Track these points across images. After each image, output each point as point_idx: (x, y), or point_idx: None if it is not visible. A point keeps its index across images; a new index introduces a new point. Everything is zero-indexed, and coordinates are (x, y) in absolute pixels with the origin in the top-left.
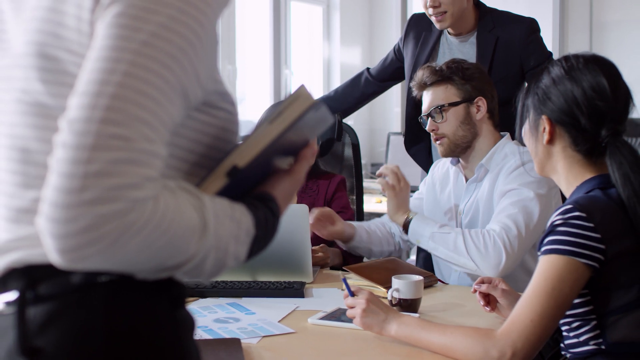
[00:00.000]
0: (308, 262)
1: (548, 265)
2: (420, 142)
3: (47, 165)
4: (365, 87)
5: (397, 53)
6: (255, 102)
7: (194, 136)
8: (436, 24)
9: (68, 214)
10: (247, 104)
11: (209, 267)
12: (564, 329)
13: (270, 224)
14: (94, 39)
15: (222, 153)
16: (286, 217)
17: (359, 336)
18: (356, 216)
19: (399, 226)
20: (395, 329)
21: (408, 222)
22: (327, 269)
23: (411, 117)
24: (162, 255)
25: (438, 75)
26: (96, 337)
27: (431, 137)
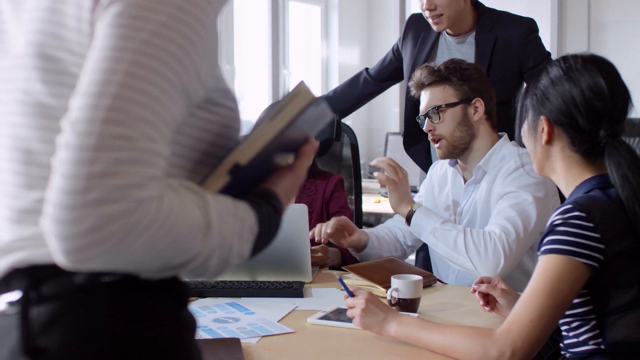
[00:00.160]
0: (307, 262)
1: (548, 265)
2: (419, 142)
3: (50, 166)
4: (364, 87)
5: (396, 53)
6: (254, 102)
7: (196, 134)
8: (433, 26)
9: (73, 215)
10: (246, 104)
11: (214, 265)
12: (563, 328)
13: (273, 221)
14: (94, 39)
15: (225, 150)
16: (285, 217)
17: (359, 336)
18: (355, 216)
19: (402, 223)
20: (395, 328)
21: (411, 214)
22: (327, 269)
23: (410, 117)
24: (167, 255)
25: (436, 75)
26: (99, 337)
27: (429, 138)
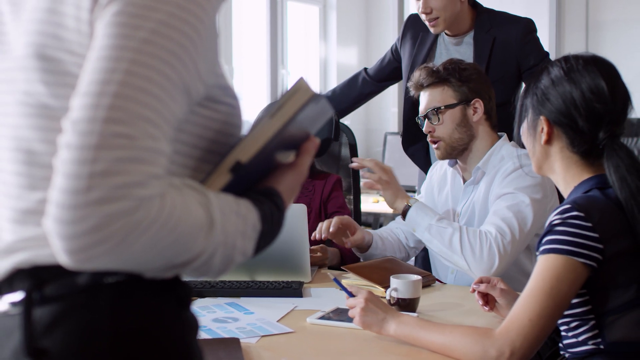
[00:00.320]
0: (306, 262)
1: (546, 265)
2: (417, 142)
3: (52, 166)
4: (363, 87)
5: (395, 53)
6: (252, 102)
7: (197, 131)
8: (430, 28)
9: (75, 214)
10: (244, 103)
11: (217, 263)
12: (562, 328)
13: (275, 219)
14: (93, 38)
15: (227, 147)
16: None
17: (358, 335)
18: (354, 216)
19: (403, 224)
20: (394, 328)
21: (407, 208)
22: (325, 269)
23: (408, 117)
24: (170, 253)
25: (435, 76)
26: (102, 337)
27: (428, 139)
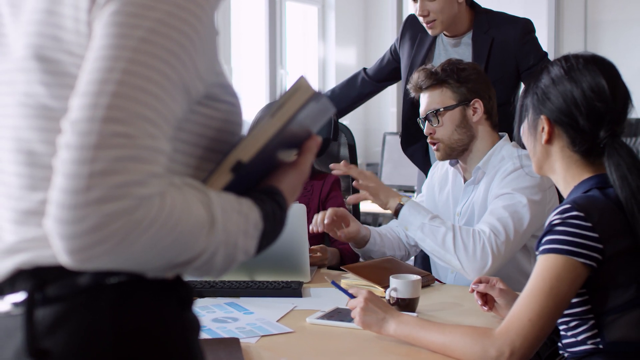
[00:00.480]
0: (306, 262)
1: (546, 265)
2: (416, 142)
3: (53, 167)
4: (362, 88)
5: (394, 53)
6: (251, 102)
7: (198, 130)
8: (428, 30)
9: (75, 214)
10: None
11: (219, 262)
12: (561, 328)
13: (278, 217)
14: (92, 39)
15: (228, 146)
16: None
17: (358, 336)
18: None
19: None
20: (394, 327)
21: (400, 207)
22: (325, 269)
23: (407, 118)
24: (171, 252)
25: (433, 78)
26: (104, 338)
27: (428, 141)
